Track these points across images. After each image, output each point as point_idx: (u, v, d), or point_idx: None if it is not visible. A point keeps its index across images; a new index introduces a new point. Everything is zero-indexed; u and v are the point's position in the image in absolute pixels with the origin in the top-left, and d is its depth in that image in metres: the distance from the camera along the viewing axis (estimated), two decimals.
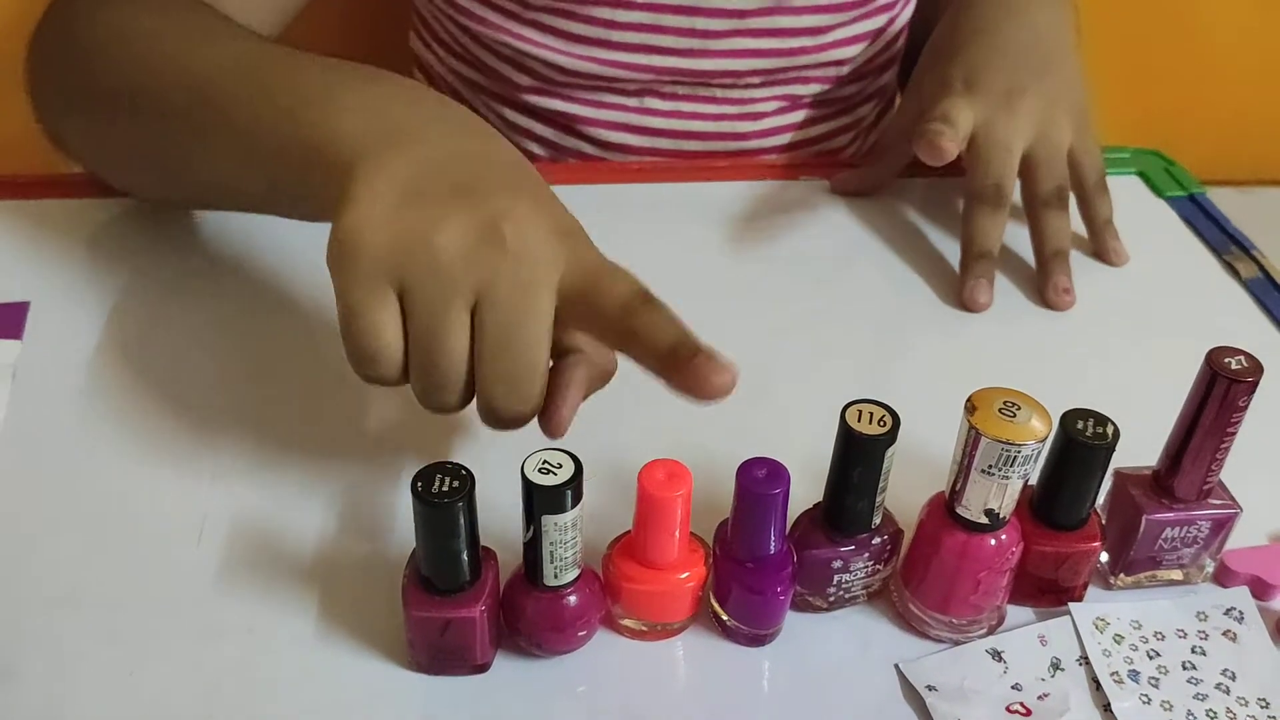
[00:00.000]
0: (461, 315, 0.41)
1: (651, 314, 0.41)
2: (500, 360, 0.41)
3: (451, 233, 0.41)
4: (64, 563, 0.47)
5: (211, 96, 0.51)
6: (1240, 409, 0.43)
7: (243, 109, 0.50)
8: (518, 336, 0.41)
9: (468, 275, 0.41)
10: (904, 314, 0.65)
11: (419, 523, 0.40)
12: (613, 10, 0.72)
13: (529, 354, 0.42)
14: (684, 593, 0.44)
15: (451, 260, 0.41)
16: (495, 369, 0.41)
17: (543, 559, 0.41)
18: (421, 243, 0.41)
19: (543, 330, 0.42)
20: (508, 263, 0.41)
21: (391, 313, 0.41)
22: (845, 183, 0.73)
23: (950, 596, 0.45)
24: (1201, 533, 0.47)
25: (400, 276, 0.41)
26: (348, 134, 0.45)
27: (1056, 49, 0.70)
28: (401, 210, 0.42)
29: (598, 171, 0.76)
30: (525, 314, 0.41)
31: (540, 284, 0.42)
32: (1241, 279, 0.68)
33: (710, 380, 0.39)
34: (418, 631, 0.42)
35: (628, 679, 0.44)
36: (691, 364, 0.39)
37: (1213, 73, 1.19)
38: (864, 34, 0.78)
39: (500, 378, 0.42)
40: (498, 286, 0.41)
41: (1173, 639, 0.46)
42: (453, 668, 0.43)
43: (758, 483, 0.41)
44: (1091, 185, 0.68)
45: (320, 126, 0.46)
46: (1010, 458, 0.41)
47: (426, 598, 0.41)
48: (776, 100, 0.79)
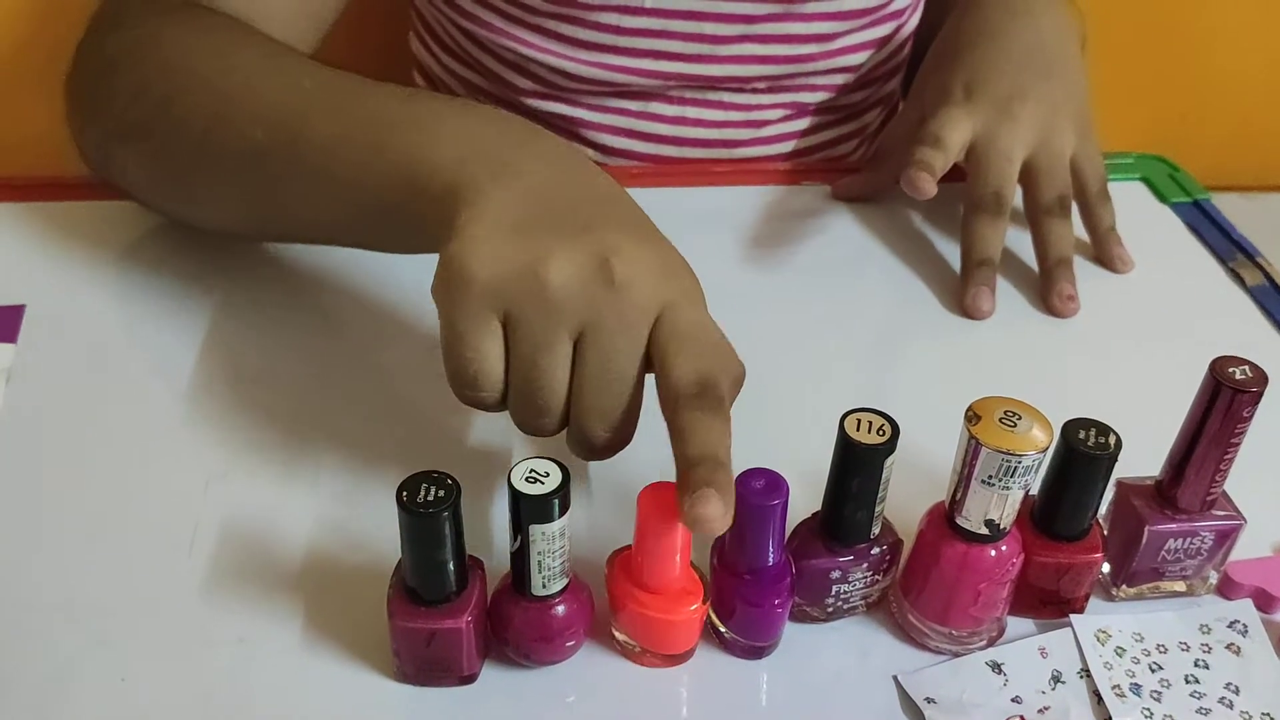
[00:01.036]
0: (565, 347, 0.42)
1: (697, 415, 0.40)
2: (600, 396, 0.42)
3: (561, 266, 0.41)
4: (57, 569, 0.47)
5: (297, 131, 0.50)
6: (1245, 419, 0.43)
7: (331, 144, 0.50)
8: (617, 376, 0.42)
9: (574, 310, 0.41)
10: (904, 321, 0.64)
11: (404, 533, 0.39)
12: (620, 16, 0.72)
13: (627, 391, 0.42)
14: (678, 627, 0.43)
15: (560, 294, 0.41)
16: (594, 404, 0.42)
17: (530, 569, 0.41)
18: (531, 275, 0.41)
19: (640, 369, 0.43)
20: (613, 300, 0.42)
21: (495, 339, 0.42)
22: (847, 188, 0.73)
23: (950, 608, 0.44)
24: (1205, 544, 0.47)
25: (507, 307, 0.42)
26: (446, 165, 0.46)
27: (1060, 54, 0.69)
28: (511, 241, 0.42)
29: None
30: (626, 355, 0.42)
31: (642, 324, 0.42)
32: (1246, 286, 0.67)
33: (701, 520, 0.38)
34: (403, 643, 0.42)
35: (622, 691, 0.44)
36: (695, 494, 0.38)
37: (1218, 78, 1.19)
38: (871, 41, 0.78)
39: (598, 413, 0.42)
40: (602, 324, 0.42)
41: (1175, 651, 0.46)
42: (439, 679, 0.43)
43: (756, 494, 0.41)
44: (1094, 193, 0.68)
45: (416, 159, 0.47)
46: (1011, 468, 0.40)
47: (412, 608, 0.41)
48: (782, 108, 0.78)
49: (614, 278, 0.42)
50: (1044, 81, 0.67)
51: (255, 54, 0.56)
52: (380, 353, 0.59)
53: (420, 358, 0.58)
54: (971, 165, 0.65)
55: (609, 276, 0.42)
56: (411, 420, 0.55)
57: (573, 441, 0.44)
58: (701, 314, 0.44)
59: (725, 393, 0.42)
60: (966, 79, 0.67)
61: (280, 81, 0.53)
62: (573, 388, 0.43)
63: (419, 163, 0.47)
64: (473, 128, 0.48)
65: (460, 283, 0.42)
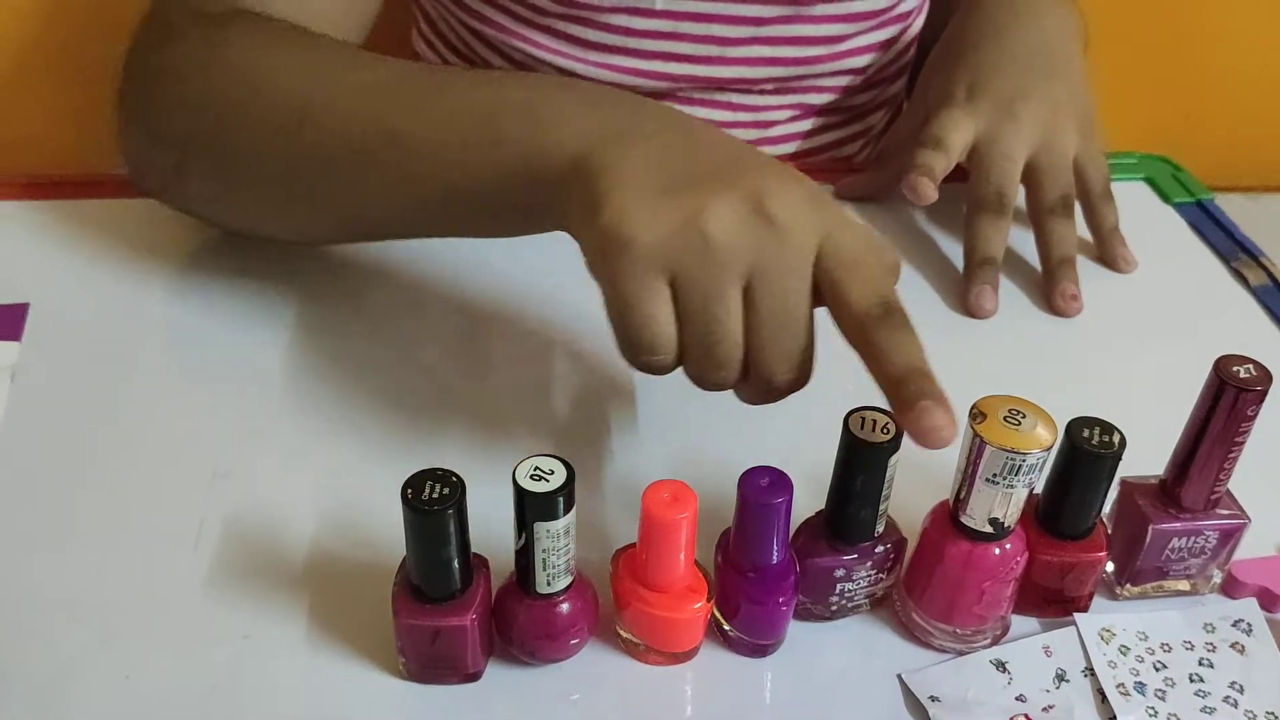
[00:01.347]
0: (737, 297, 0.42)
1: (888, 333, 0.41)
2: (780, 338, 0.42)
3: (720, 216, 0.41)
4: (60, 566, 0.47)
5: (391, 130, 0.50)
6: (1249, 418, 0.43)
7: (432, 141, 0.49)
8: (793, 315, 0.42)
9: (740, 257, 0.41)
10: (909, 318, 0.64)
11: (409, 530, 0.39)
12: (630, 17, 0.72)
13: (804, 329, 0.43)
14: (682, 625, 0.43)
15: (724, 244, 0.41)
16: (775, 347, 0.42)
17: (535, 566, 0.41)
18: (692, 231, 0.41)
19: (811, 303, 0.43)
20: (776, 241, 0.42)
21: (666, 301, 0.42)
22: (851, 188, 0.73)
23: (954, 606, 0.44)
24: (1209, 543, 0.47)
25: (672, 267, 0.41)
26: (567, 141, 0.45)
27: (1063, 53, 0.69)
28: (660, 201, 0.42)
29: None
30: (798, 293, 0.42)
31: (808, 260, 0.42)
32: (1250, 286, 0.67)
33: (930, 432, 0.39)
34: (408, 640, 0.42)
35: (626, 689, 0.44)
36: (915, 409, 0.39)
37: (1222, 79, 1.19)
38: (878, 43, 0.78)
39: (781, 355, 0.43)
40: (770, 266, 0.42)
41: (1180, 650, 0.46)
42: (444, 677, 0.43)
43: (760, 492, 0.41)
44: (1097, 193, 0.68)
45: (532, 146, 0.46)
46: (1015, 466, 0.40)
47: (416, 606, 0.41)
48: (789, 109, 0.78)
49: (773, 219, 0.42)
50: (1047, 81, 0.67)
51: (329, 55, 0.55)
52: (385, 350, 0.59)
53: (425, 355, 0.58)
54: (974, 165, 0.65)
55: (768, 218, 0.41)
56: (416, 417, 0.55)
57: (751, 389, 0.44)
58: (856, 235, 0.44)
59: (902, 305, 0.42)
60: (969, 79, 0.67)
61: (362, 80, 0.52)
62: (749, 335, 0.43)
63: (536, 150, 0.46)
64: (578, 104, 0.48)
65: (622, 251, 0.41)
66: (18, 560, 0.47)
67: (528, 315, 0.62)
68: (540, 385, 0.58)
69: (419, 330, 0.60)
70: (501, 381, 0.57)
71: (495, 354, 0.59)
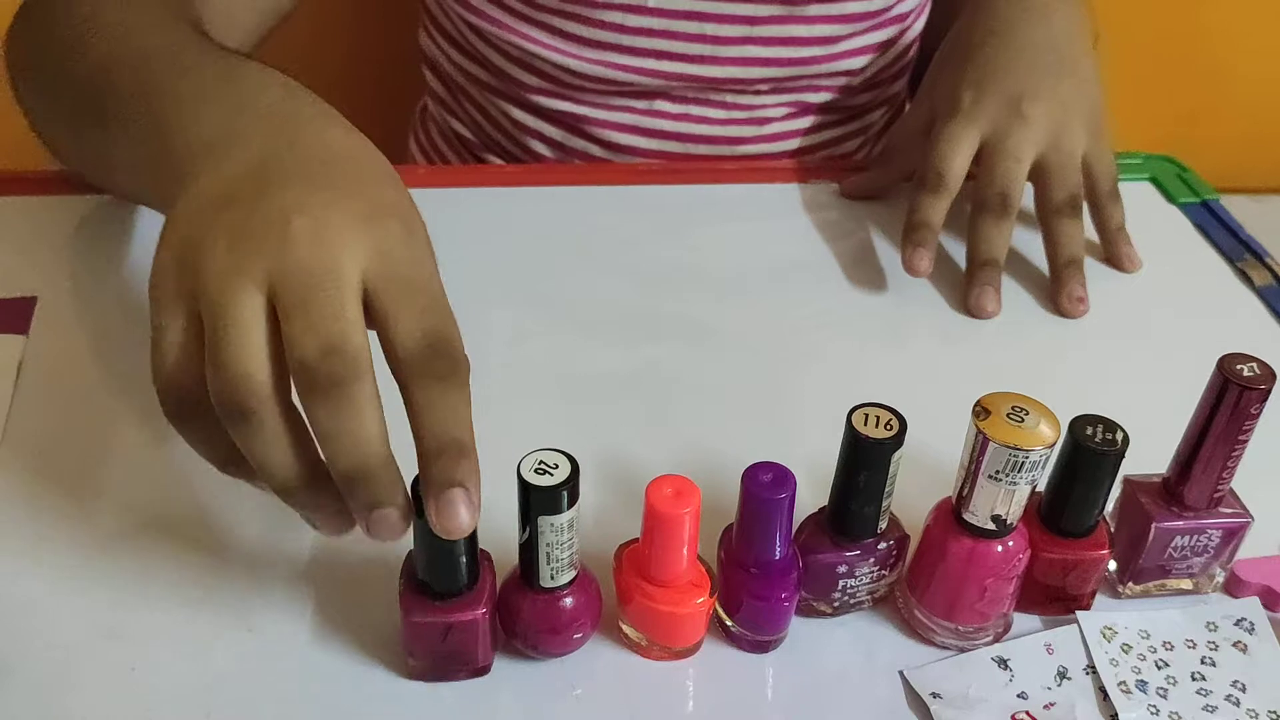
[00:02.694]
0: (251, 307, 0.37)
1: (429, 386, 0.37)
2: (306, 312, 0.37)
3: (222, 232, 0.38)
4: (65, 559, 0.47)
5: (117, 92, 0.50)
6: (1252, 416, 0.43)
7: (124, 108, 0.49)
8: (316, 292, 0.37)
9: (248, 267, 0.37)
10: (913, 318, 0.64)
11: (419, 529, 0.39)
12: (624, 15, 0.72)
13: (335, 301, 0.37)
14: (684, 620, 0.44)
15: (223, 264, 0.38)
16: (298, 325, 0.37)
17: (539, 560, 0.41)
18: (195, 252, 0.38)
19: (349, 294, 0.37)
20: (291, 250, 0.37)
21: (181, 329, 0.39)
22: (855, 186, 0.73)
23: (956, 603, 0.45)
24: (1212, 542, 0.47)
25: (188, 294, 0.38)
26: (181, 149, 0.44)
27: (1071, 52, 0.69)
28: (194, 223, 0.40)
29: (605, 173, 0.76)
30: (321, 285, 0.37)
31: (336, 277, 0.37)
32: (1255, 286, 0.67)
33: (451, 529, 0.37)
34: (418, 638, 0.42)
35: (629, 684, 0.44)
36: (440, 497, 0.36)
37: (1228, 80, 1.19)
38: (874, 45, 0.78)
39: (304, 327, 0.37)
40: (287, 271, 0.37)
41: (1182, 649, 0.46)
42: (453, 673, 0.43)
43: (764, 487, 0.41)
44: (1104, 192, 0.68)
45: (169, 137, 0.46)
46: (1018, 463, 0.40)
47: (427, 604, 0.41)
48: (785, 106, 0.78)
49: (290, 232, 0.38)
50: (1055, 80, 0.67)
51: (135, 19, 0.54)
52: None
53: None
54: (980, 165, 0.65)
55: (285, 235, 0.38)
56: None
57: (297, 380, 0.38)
58: (413, 260, 0.40)
59: (461, 350, 0.38)
60: (977, 78, 0.67)
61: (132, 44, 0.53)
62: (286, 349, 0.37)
63: (169, 143, 0.45)
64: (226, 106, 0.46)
65: (152, 280, 0.40)
66: (23, 553, 0.47)
67: (531, 308, 0.62)
68: (544, 378, 0.58)
69: None
70: (503, 375, 0.58)
71: (496, 348, 0.59)
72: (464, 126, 0.84)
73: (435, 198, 0.72)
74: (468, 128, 0.84)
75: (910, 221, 0.65)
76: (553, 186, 0.73)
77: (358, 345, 0.37)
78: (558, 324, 0.62)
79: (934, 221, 0.64)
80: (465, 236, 0.58)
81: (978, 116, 0.66)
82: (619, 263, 0.66)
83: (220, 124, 0.45)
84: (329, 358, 0.36)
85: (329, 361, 0.36)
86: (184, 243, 0.39)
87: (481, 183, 0.74)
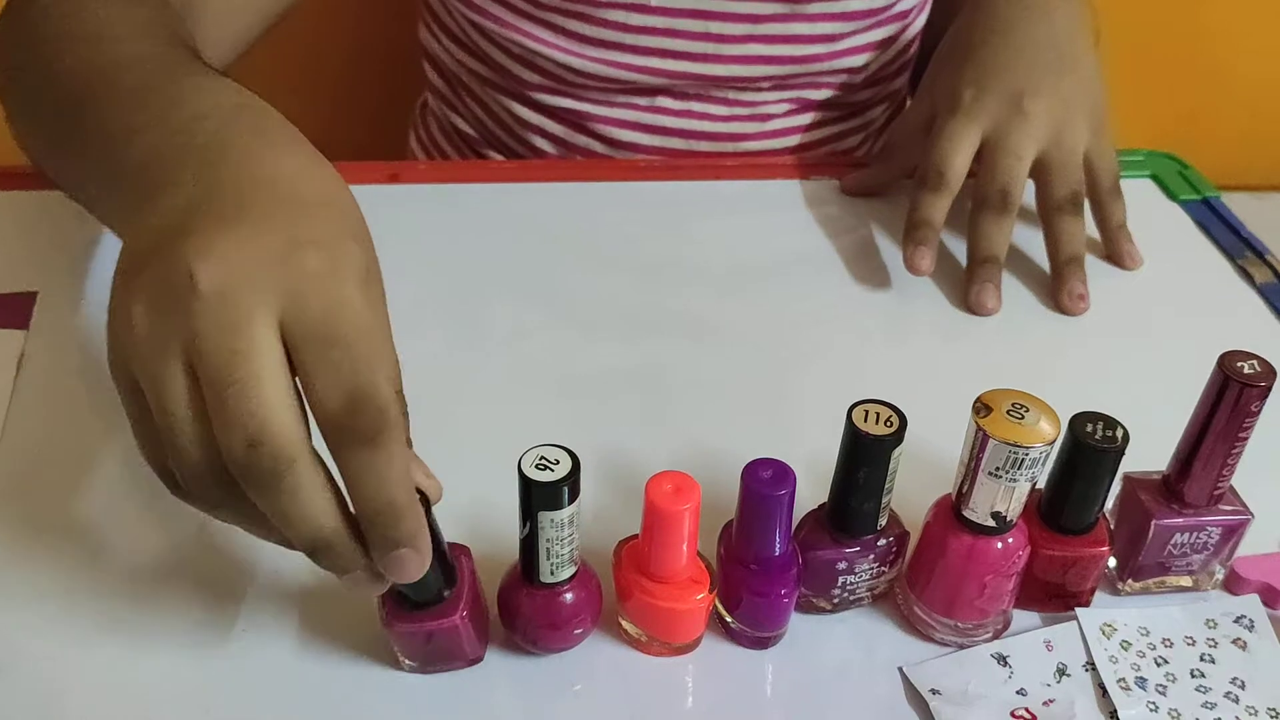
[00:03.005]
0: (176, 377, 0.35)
1: (354, 453, 0.35)
2: (223, 403, 0.34)
3: (139, 296, 0.36)
4: (64, 554, 0.47)
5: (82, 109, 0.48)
6: (1253, 414, 0.43)
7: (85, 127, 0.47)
8: (231, 374, 0.34)
9: (164, 336, 0.35)
10: (913, 315, 0.64)
11: None
12: (627, 14, 0.72)
13: (251, 387, 0.34)
14: (684, 616, 0.44)
15: (146, 330, 0.36)
16: (219, 421, 0.35)
17: (539, 556, 0.41)
18: (121, 323, 0.37)
19: (264, 363, 0.35)
20: (198, 317, 0.35)
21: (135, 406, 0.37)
22: (856, 183, 0.73)
23: (956, 600, 0.45)
24: (1212, 539, 0.47)
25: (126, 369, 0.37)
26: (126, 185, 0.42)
27: (1073, 48, 0.69)
28: (121, 288, 0.38)
29: (605, 169, 0.76)
30: (237, 356, 0.35)
31: (246, 326, 0.35)
32: (1255, 284, 0.67)
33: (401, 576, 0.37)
34: (403, 644, 0.42)
35: (629, 680, 0.44)
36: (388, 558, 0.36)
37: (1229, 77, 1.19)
38: (876, 42, 0.78)
39: (227, 423, 0.34)
40: (200, 351, 0.35)
41: (1181, 646, 0.46)
42: (446, 666, 0.43)
43: (763, 484, 0.41)
44: (1106, 189, 0.68)
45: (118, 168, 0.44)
46: (1018, 460, 0.40)
47: (405, 614, 0.41)
48: (787, 103, 0.78)
49: (197, 289, 0.35)
50: (1057, 77, 0.67)
51: (110, 26, 0.52)
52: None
53: (424, 344, 0.58)
54: (981, 162, 0.65)
55: (192, 289, 0.35)
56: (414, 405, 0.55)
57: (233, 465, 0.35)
58: (335, 306, 0.36)
59: (388, 403, 0.35)
60: (977, 75, 0.67)
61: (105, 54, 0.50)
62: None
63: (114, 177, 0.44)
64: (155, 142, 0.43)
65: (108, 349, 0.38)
66: (21, 548, 0.47)
67: (530, 303, 0.62)
68: (544, 374, 0.58)
69: (418, 320, 0.60)
70: (503, 371, 0.58)
71: (496, 343, 0.59)
72: (465, 122, 0.84)
73: (435, 193, 0.73)
74: (469, 123, 0.84)
75: (911, 220, 0.65)
76: (552, 183, 0.73)
77: (279, 432, 0.34)
78: (558, 320, 0.62)
79: (935, 220, 0.65)
80: (465, 232, 0.58)
81: (979, 114, 0.66)
82: (619, 259, 0.66)
83: (159, 159, 0.42)
84: (253, 452, 0.34)
85: (255, 456, 0.34)
86: (114, 312, 0.38)
87: (481, 178, 0.74)
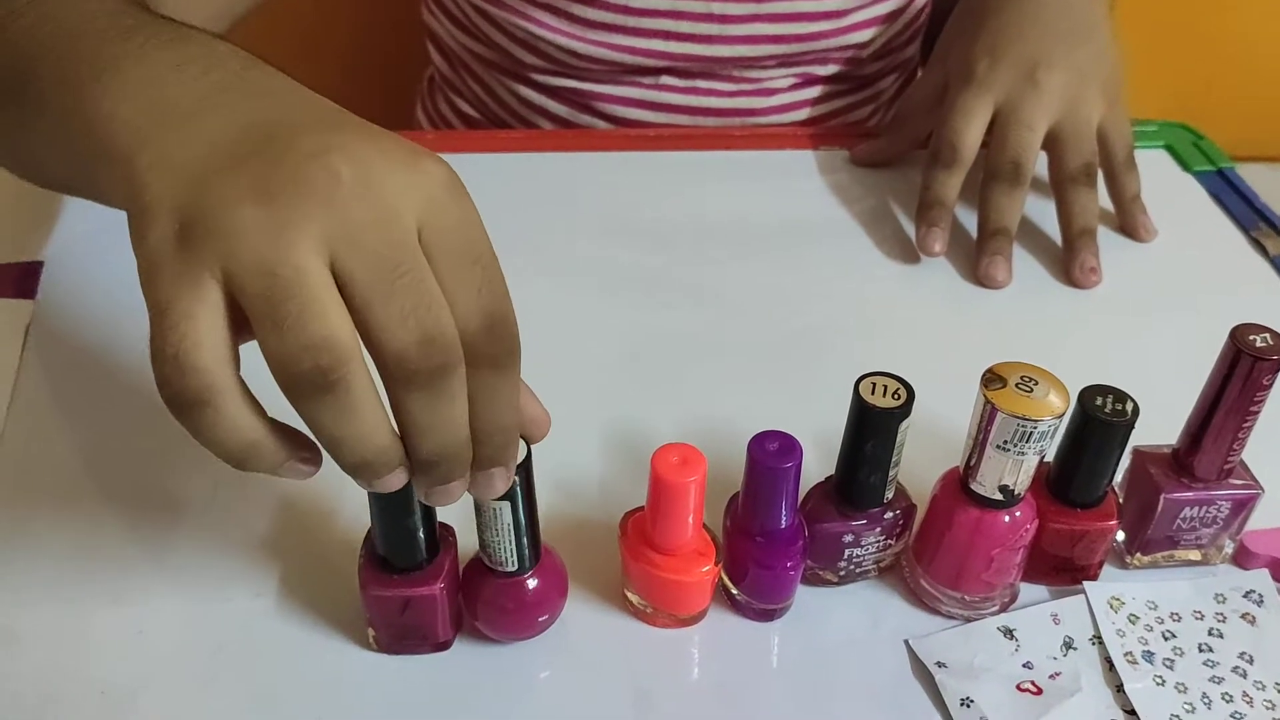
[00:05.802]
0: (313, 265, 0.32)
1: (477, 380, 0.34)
2: (392, 300, 0.32)
3: (244, 198, 0.32)
4: (72, 521, 0.47)
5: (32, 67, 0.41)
6: (1264, 387, 0.43)
7: (40, 85, 0.41)
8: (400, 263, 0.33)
9: (297, 222, 0.32)
10: (922, 287, 0.64)
11: (372, 500, 0.39)
12: None
13: (423, 279, 0.33)
14: (690, 588, 0.44)
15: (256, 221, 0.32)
16: (388, 310, 0.32)
17: (498, 542, 0.40)
18: (210, 218, 0.32)
19: (421, 259, 0.33)
20: (346, 205, 0.32)
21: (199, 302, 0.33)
22: (866, 153, 0.73)
23: (962, 573, 0.44)
24: (1221, 513, 0.46)
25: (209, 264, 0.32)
26: (122, 124, 0.36)
27: (1088, 19, 0.68)
28: (192, 189, 0.33)
29: (614, 139, 0.75)
30: (400, 261, 0.33)
31: (404, 230, 0.33)
32: (1269, 256, 0.66)
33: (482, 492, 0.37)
34: (377, 612, 0.42)
35: (634, 652, 0.44)
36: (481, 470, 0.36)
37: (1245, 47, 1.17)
38: (883, 15, 0.77)
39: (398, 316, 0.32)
40: (352, 238, 0.32)
41: (1189, 620, 0.46)
42: (415, 647, 0.43)
43: (770, 456, 0.41)
44: (1120, 161, 0.67)
45: (97, 115, 0.37)
46: (1026, 433, 0.40)
47: (384, 578, 0.41)
48: (794, 78, 0.77)
49: (340, 174, 0.32)
50: (1071, 46, 0.66)
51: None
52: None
53: None
54: (994, 133, 0.65)
55: (334, 175, 0.32)
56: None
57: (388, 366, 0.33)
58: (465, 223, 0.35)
59: (516, 337, 0.35)
60: (991, 45, 0.66)
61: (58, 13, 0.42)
62: (352, 310, 0.33)
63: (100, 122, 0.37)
64: (152, 75, 0.38)
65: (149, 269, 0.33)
66: (31, 518, 0.47)
67: (537, 274, 0.62)
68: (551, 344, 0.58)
69: None
70: None
71: None
72: (467, 103, 0.83)
73: None
74: (472, 105, 0.83)
75: (924, 199, 0.65)
76: (561, 152, 0.73)
77: (451, 328, 0.33)
78: (564, 290, 0.61)
79: (948, 199, 0.64)
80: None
81: (992, 84, 0.65)
82: (627, 230, 0.66)
83: (183, 84, 0.37)
84: (427, 348, 0.32)
85: (428, 353, 0.32)
86: (183, 212, 0.33)
87: (490, 148, 0.73)
